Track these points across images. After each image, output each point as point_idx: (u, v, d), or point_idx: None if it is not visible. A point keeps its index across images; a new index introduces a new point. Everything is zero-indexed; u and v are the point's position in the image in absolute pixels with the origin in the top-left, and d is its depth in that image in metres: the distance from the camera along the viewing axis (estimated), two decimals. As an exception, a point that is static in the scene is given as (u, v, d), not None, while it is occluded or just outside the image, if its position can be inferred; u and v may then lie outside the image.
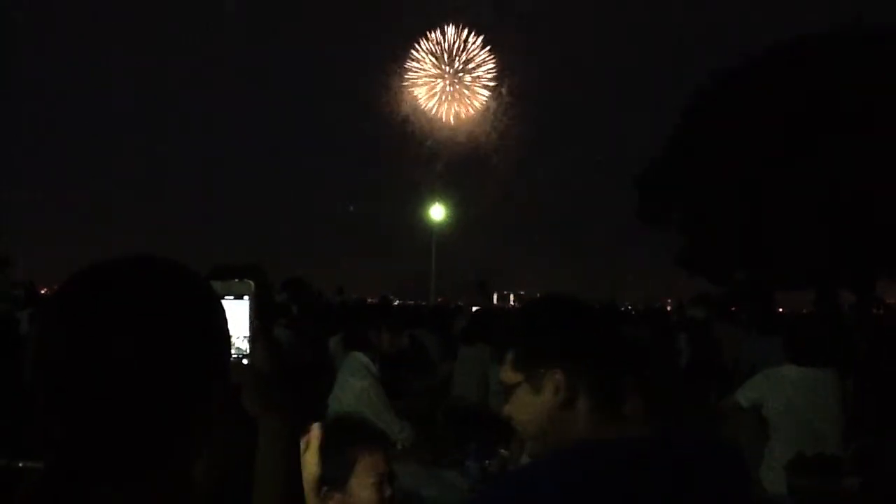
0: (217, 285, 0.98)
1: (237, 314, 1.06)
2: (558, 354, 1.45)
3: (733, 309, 9.11)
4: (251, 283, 1.08)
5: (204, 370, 0.86)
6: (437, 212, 36.27)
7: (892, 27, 19.61)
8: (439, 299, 32.32)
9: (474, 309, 8.85)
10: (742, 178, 20.23)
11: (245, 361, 1.07)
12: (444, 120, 38.39)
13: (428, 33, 38.06)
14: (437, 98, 38.57)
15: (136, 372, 0.80)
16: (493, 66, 38.42)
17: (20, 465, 2.75)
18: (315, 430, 1.85)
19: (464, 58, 38.54)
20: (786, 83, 19.74)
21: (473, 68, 38.78)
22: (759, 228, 20.16)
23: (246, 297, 1.07)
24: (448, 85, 38.48)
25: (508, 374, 1.52)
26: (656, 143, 24.90)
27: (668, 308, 16.81)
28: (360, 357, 4.27)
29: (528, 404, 1.47)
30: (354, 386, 4.13)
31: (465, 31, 38.42)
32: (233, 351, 1.01)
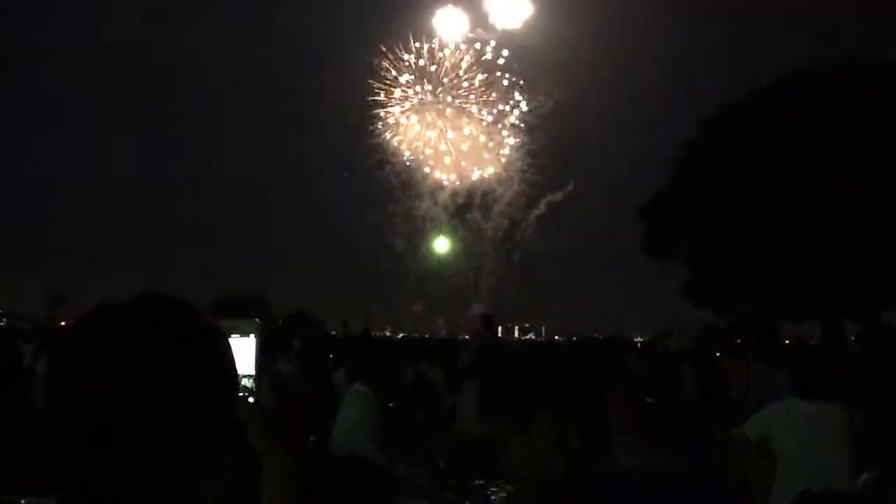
0: (224, 323, 0.99)
1: (243, 351, 1.07)
2: (544, 397, 1.48)
3: (738, 341, 9.09)
4: (257, 321, 1.09)
5: (210, 406, 0.87)
6: (442, 244, 36.39)
7: (893, 61, 19.76)
8: (443, 332, 32.29)
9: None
10: (746, 211, 20.25)
11: (251, 399, 1.08)
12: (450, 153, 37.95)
13: (429, 53, 37.12)
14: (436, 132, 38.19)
15: (143, 407, 0.81)
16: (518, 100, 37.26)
17: (22, 502, 2.74)
18: None
19: (466, 83, 37.74)
20: (789, 116, 19.86)
21: (491, 103, 37.80)
22: (764, 260, 20.13)
23: (252, 335, 1.09)
24: (440, 115, 38.00)
25: (499, 427, 1.54)
26: (661, 176, 25.00)
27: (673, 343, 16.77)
28: (362, 389, 4.27)
29: (524, 451, 1.50)
30: (353, 418, 4.13)
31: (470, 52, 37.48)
32: (239, 388, 1.03)
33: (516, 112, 37.30)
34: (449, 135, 37.51)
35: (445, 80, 37.21)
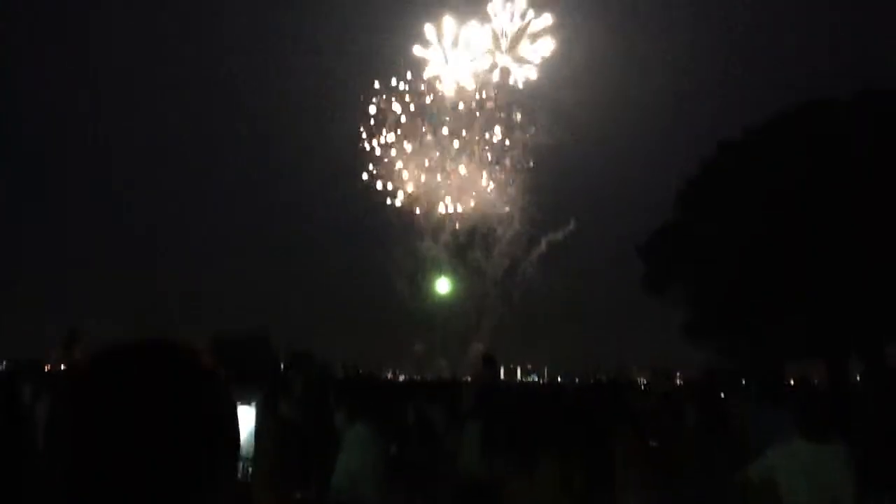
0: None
1: (246, 414, 1.08)
2: (547, 439, 1.50)
3: (743, 381, 9.04)
4: (260, 388, 1.10)
5: (209, 450, 0.88)
6: (443, 285, 36.36)
7: (891, 94, 19.84)
8: (446, 373, 32.09)
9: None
10: (747, 248, 20.24)
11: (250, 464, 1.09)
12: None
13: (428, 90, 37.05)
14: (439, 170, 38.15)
15: (143, 451, 0.82)
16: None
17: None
18: None
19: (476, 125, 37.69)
20: (790, 152, 19.91)
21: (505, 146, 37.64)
22: (766, 297, 20.04)
23: (254, 404, 1.10)
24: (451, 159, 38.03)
25: (502, 468, 1.56)
26: (660, 215, 25.05)
27: (678, 380, 16.67)
28: (364, 431, 4.24)
29: (526, 492, 1.51)
30: (354, 461, 4.10)
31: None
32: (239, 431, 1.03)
33: (517, 151, 37.59)
34: (450, 174, 37.72)
35: (446, 118, 37.59)
